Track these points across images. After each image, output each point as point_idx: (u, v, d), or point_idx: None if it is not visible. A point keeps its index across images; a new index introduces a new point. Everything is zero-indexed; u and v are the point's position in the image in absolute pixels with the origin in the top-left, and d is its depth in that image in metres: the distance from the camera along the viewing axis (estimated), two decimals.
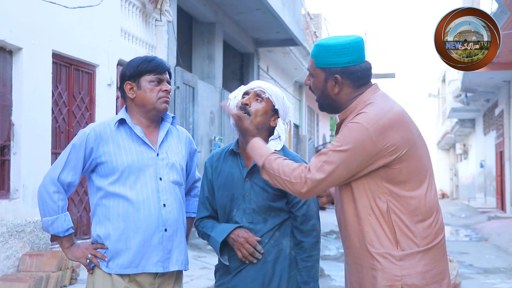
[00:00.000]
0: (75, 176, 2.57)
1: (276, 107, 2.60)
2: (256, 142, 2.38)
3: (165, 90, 2.62)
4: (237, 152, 2.63)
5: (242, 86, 2.72)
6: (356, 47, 2.28)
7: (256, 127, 2.52)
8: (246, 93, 2.61)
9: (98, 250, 2.57)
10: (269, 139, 2.61)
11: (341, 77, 2.28)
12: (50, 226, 2.55)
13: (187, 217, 2.78)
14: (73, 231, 2.62)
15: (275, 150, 2.51)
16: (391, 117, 2.20)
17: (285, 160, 2.29)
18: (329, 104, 2.37)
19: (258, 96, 2.58)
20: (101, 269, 2.56)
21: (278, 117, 2.63)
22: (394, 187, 2.22)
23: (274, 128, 2.63)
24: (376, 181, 2.21)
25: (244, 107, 2.54)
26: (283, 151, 2.60)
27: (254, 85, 2.63)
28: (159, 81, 2.61)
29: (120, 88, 2.67)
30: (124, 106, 2.69)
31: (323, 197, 2.60)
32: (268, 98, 2.59)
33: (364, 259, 2.26)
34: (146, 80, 2.60)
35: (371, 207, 2.23)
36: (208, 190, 2.67)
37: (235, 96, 2.67)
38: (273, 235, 2.54)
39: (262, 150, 2.35)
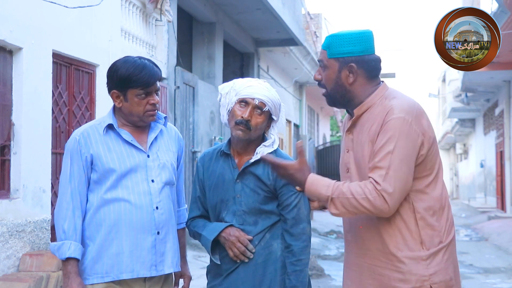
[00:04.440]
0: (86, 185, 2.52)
1: (273, 116, 2.56)
2: (313, 179, 2.26)
3: (152, 104, 2.53)
4: (228, 153, 2.58)
5: (236, 82, 2.60)
6: (368, 37, 2.31)
7: (253, 138, 2.51)
8: (244, 101, 2.52)
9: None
10: (261, 144, 2.56)
11: (356, 65, 2.29)
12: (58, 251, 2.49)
13: (178, 229, 2.72)
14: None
15: (268, 153, 2.49)
16: (419, 107, 2.25)
17: (350, 183, 2.21)
18: (342, 95, 2.33)
19: (258, 109, 2.50)
20: (94, 284, 2.47)
21: (272, 122, 2.60)
22: (418, 184, 2.22)
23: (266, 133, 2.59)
24: None
25: (246, 122, 2.48)
26: (276, 153, 2.54)
27: (253, 94, 2.51)
28: (147, 94, 2.51)
29: (107, 90, 2.60)
30: (112, 106, 2.62)
31: (314, 202, 2.51)
32: (268, 111, 2.53)
33: (388, 262, 2.23)
34: (133, 94, 2.49)
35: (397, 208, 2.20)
36: (200, 189, 2.64)
37: (227, 92, 2.58)
38: (263, 237, 2.50)
39: (323, 181, 2.24)
